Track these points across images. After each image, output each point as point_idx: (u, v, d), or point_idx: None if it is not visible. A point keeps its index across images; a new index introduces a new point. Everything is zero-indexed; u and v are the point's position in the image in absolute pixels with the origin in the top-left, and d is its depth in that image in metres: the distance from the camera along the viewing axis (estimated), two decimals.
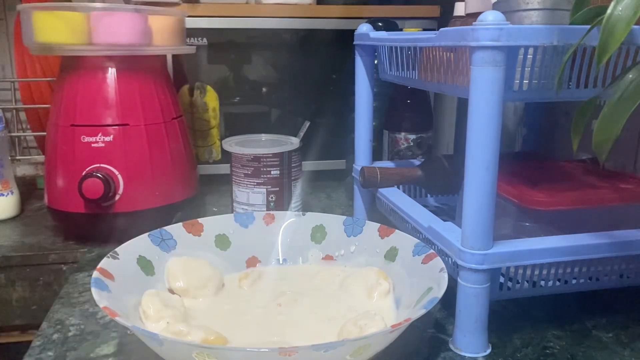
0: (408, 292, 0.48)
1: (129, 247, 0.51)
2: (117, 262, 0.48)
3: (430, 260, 0.48)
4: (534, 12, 0.48)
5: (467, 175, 0.43)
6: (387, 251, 0.54)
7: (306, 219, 0.60)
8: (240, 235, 0.59)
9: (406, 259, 0.51)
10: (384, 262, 0.54)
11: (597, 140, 0.38)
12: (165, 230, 0.55)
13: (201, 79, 0.90)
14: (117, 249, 0.50)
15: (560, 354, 0.47)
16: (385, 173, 0.63)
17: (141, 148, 0.69)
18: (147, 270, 0.51)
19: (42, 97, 0.99)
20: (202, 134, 0.91)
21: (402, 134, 0.79)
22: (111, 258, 0.48)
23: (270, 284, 0.55)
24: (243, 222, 0.59)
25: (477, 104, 0.41)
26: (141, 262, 0.51)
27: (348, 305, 0.50)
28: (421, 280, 0.47)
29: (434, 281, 0.45)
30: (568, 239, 0.47)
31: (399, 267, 0.52)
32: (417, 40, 0.54)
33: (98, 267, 0.46)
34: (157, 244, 0.53)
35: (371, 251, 0.55)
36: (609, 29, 0.35)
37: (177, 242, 0.55)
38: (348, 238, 0.58)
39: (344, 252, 0.57)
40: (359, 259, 0.56)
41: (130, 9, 0.67)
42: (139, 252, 0.51)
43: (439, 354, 0.46)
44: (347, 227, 0.58)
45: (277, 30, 0.90)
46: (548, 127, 0.78)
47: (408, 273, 0.50)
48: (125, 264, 0.49)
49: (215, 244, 0.57)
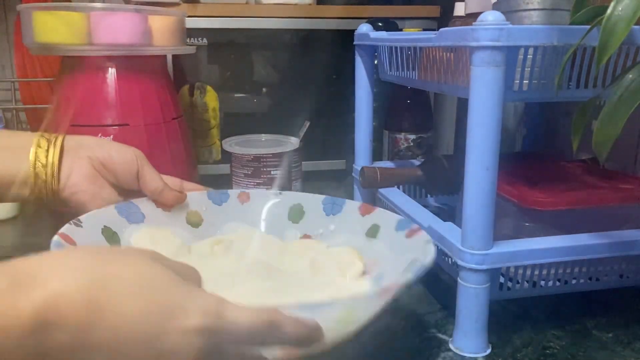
0: (391, 268, 0.45)
1: (94, 216, 0.48)
2: (80, 230, 0.45)
3: (414, 234, 0.46)
4: (534, 12, 0.48)
5: (467, 175, 0.43)
6: (368, 229, 0.51)
7: (283, 198, 0.57)
8: (213, 212, 0.56)
9: (389, 235, 0.48)
10: (365, 240, 0.51)
11: (597, 140, 0.38)
12: (134, 203, 0.52)
13: (201, 79, 0.90)
14: (81, 217, 0.46)
15: (560, 354, 0.47)
16: (385, 173, 0.63)
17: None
18: (111, 241, 0.48)
19: (42, 97, 0.99)
20: (202, 134, 0.91)
21: (402, 134, 0.79)
22: (74, 225, 0.45)
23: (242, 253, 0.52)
24: (216, 199, 0.56)
25: (477, 104, 0.41)
26: (106, 232, 0.47)
27: (320, 283, 0.47)
28: (406, 254, 0.44)
29: (420, 252, 0.42)
30: (568, 239, 0.47)
31: (381, 243, 0.49)
32: (417, 41, 0.54)
33: (59, 232, 0.42)
34: (123, 216, 0.50)
35: (352, 229, 0.52)
36: (609, 29, 0.35)
37: (145, 216, 0.52)
38: (327, 217, 0.55)
39: (323, 231, 0.54)
40: (339, 238, 0.53)
41: (130, 9, 0.67)
42: (103, 222, 0.48)
43: (439, 354, 0.46)
44: (326, 206, 0.55)
45: (277, 30, 0.90)
46: (548, 127, 0.78)
47: (391, 249, 0.47)
48: (89, 232, 0.46)
49: (186, 220, 0.54)
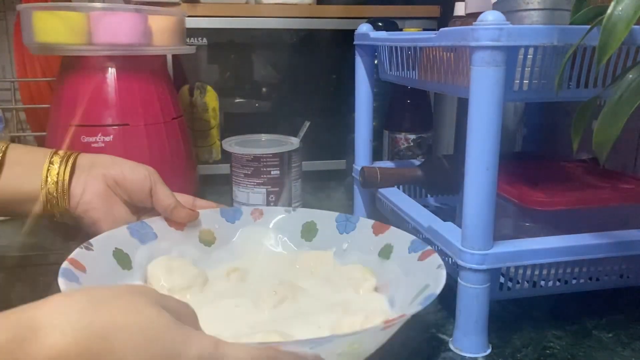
0: (403, 291, 0.46)
1: (105, 239, 0.48)
2: (90, 254, 0.45)
3: (427, 257, 0.46)
4: (534, 12, 0.48)
5: (467, 175, 0.43)
6: (381, 249, 0.51)
7: (297, 215, 0.57)
8: (226, 230, 0.55)
9: (402, 257, 0.49)
10: (378, 260, 0.51)
11: (597, 140, 0.38)
12: (146, 223, 0.52)
13: (201, 79, 0.90)
14: (92, 240, 0.46)
15: (560, 354, 0.47)
16: (385, 173, 0.63)
17: (141, 148, 0.69)
18: (123, 263, 0.48)
19: (42, 97, 0.99)
20: (202, 134, 0.91)
21: (402, 134, 0.79)
22: (84, 249, 0.45)
23: (256, 279, 0.52)
24: (229, 217, 0.56)
25: (477, 104, 0.41)
26: (117, 254, 0.47)
27: (338, 300, 0.48)
28: (417, 278, 0.44)
29: (431, 278, 0.42)
30: (568, 239, 0.47)
31: (394, 265, 0.49)
32: (417, 40, 0.54)
33: (69, 258, 0.43)
34: (136, 237, 0.50)
35: (364, 249, 0.52)
36: (609, 29, 0.35)
37: (158, 236, 0.52)
38: (340, 235, 0.54)
39: (336, 249, 0.54)
40: (352, 257, 0.53)
41: (130, 9, 0.67)
42: (115, 244, 0.48)
43: (439, 354, 0.46)
44: (340, 224, 0.55)
45: (277, 30, 0.90)
46: (548, 127, 0.78)
47: (403, 271, 0.47)
48: (100, 256, 0.46)
49: (199, 239, 0.54)
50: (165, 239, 0.52)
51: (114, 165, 0.52)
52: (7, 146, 0.49)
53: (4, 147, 0.49)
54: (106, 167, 0.52)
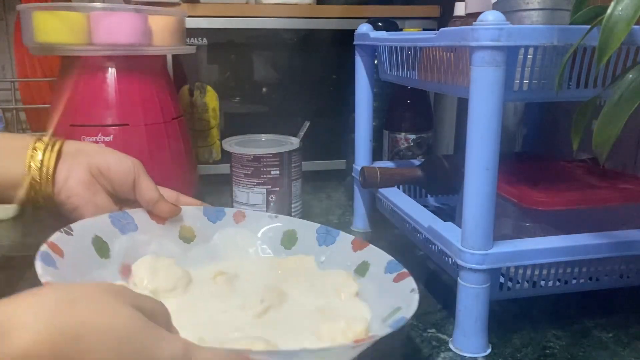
0: (374, 312, 0.46)
1: (86, 225, 0.47)
2: (69, 239, 0.44)
3: (401, 279, 0.45)
4: (534, 12, 0.48)
5: (467, 175, 0.43)
6: (358, 265, 0.51)
7: (278, 222, 0.57)
8: (207, 229, 0.55)
9: (377, 276, 0.48)
10: (354, 277, 0.51)
11: (597, 140, 0.38)
12: (128, 213, 0.51)
13: (201, 79, 0.90)
14: (73, 225, 0.46)
15: (560, 354, 0.47)
16: (385, 173, 0.63)
17: (141, 148, 0.69)
18: (101, 252, 0.47)
19: (42, 97, 0.99)
20: (202, 134, 0.91)
21: (402, 134, 0.79)
22: (64, 233, 0.44)
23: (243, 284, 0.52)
24: (212, 216, 0.56)
25: (477, 104, 0.41)
26: (96, 242, 0.47)
27: (321, 305, 0.48)
28: (390, 299, 0.44)
29: (404, 302, 0.42)
30: (568, 239, 0.47)
31: (369, 283, 0.49)
32: (417, 40, 0.54)
33: (48, 241, 0.42)
34: (117, 226, 0.50)
35: (342, 264, 0.52)
36: (609, 29, 0.35)
37: (139, 227, 0.51)
38: (319, 247, 0.54)
39: (314, 260, 0.54)
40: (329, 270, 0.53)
41: (130, 9, 0.67)
42: (95, 231, 0.48)
43: (439, 354, 0.46)
44: (320, 235, 0.55)
45: (277, 30, 0.90)
46: (548, 127, 0.78)
47: (378, 290, 0.47)
48: (79, 241, 0.45)
49: (179, 235, 0.54)
50: (146, 231, 0.52)
51: (99, 155, 0.52)
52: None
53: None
54: (91, 156, 0.52)
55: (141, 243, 0.51)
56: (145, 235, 0.52)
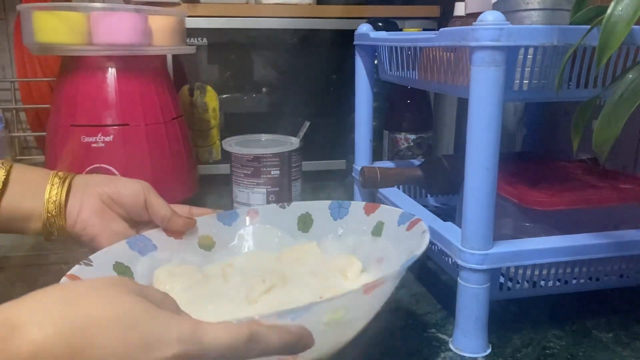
0: (394, 263, 0.46)
1: (105, 254, 0.48)
2: (90, 269, 0.45)
3: (414, 225, 0.47)
4: (534, 12, 0.48)
5: (467, 175, 0.43)
6: (373, 227, 0.52)
7: (291, 209, 0.58)
8: (224, 234, 0.56)
9: (392, 231, 0.50)
10: (371, 239, 0.52)
11: (597, 140, 0.38)
12: (144, 235, 0.52)
13: (201, 79, 0.90)
14: (91, 256, 0.46)
15: (560, 354, 0.47)
16: (385, 173, 0.63)
17: (141, 148, 0.69)
18: (124, 275, 0.48)
19: (42, 97, 0.99)
20: (202, 134, 0.91)
21: (402, 134, 0.79)
22: (84, 265, 0.45)
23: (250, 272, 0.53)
24: (226, 220, 0.57)
25: (477, 104, 0.41)
26: (118, 268, 0.48)
27: (326, 286, 0.48)
28: (406, 247, 0.45)
29: (416, 244, 0.43)
30: (568, 239, 0.47)
31: (385, 240, 0.50)
32: (417, 40, 0.54)
33: (68, 274, 0.42)
34: (135, 250, 0.50)
35: (358, 230, 0.53)
36: (609, 29, 0.35)
37: (158, 246, 0.52)
38: (335, 222, 0.56)
39: (332, 235, 0.56)
40: (348, 241, 0.54)
41: (130, 9, 0.67)
42: (115, 258, 0.48)
43: (439, 354, 0.46)
44: (333, 210, 0.56)
45: (277, 30, 0.90)
46: (548, 127, 0.78)
47: (394, 244, 0.48)
48: (100, 270, 0.46)
49: (198, 245, 0.55)
50: (165, 248, 0.53)
51: (107, 183, 0.53)
52: (11, 166, 0.51)
53: (9, 167, 0.50)
54: (100, 185, 0.53)
55: (162, 261, 0.52)
56: (165, 252, 0.53)
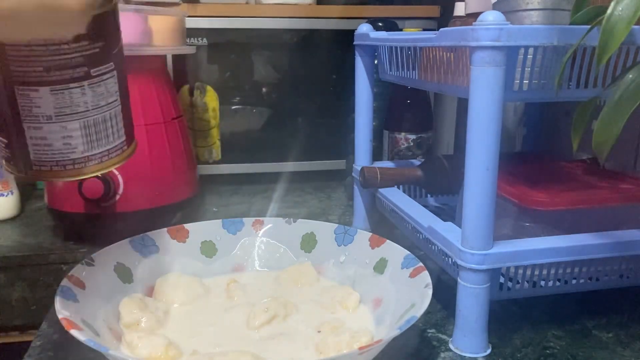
0: (393, 308, 0.46)
1: (107, 253, 0.49)
2: (91, 270, 0.46)
3: (417, 274, 0.46)
4: (534, 12, 0.48)
5: (467, 175, 0.43)
6: (376, 262, 0.52)
7: (296, 226, 0.58)
8: (227, 242, 0.56)
9: (395, 272, 0.49)
10: (373, 275, 0.51)
11: (597, 140, 0.38)
12: (148, 236, 0.53)
13: (201, 79, 0.90)
14: (94, 255, 0.47)
15: (560, 354, 0.47)
16: (385, 173, 0.63)
17: (141, 148, 0.69)
18: (124, 278, 0.49)
19: None
20: (202, 134, 0.91)
21: (402, 134, 0.79)
22: (85, 265, 0.46)
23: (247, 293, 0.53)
24: (231, 228, 0.57)
25: (477, 104, 0.41)
26: (119, 269, 0.48)
27: (326, 319, 0.48)
28: (407, 295, 0.45)
29: (419, 297, 0.43)
30: (568, 239, 0.47)
31: (387, 280, 0.49)
32: (417, 40, 0.54)
33: (69, 275, 0.44)
34: (137, 250, 0.51)
35: (361, 262, 0.53)
36: (609, 29, 0.35)
37: (160, 248, 0.53)
38: (338, 247, 0.55)
39: (334, 261, 0.55)
40: (349, 270, 0.54)
41: (130, 9, 0.67)
42: (116, 258, 0.49)
43: (439, 354, 0.46)
44: (338, 235, 0.56)
45: (277, 30, 0.90)
46: (548, 127, 0.78)
47: (395, 287, 0.48)
48: (101, 271, 0.47)
49: (200, 250, 0.55)
50: (167, 251, 0.53)
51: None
52: None
53: None
54: None
55: (164, 264, 0.53)
56: (167, 255, 0.53)
